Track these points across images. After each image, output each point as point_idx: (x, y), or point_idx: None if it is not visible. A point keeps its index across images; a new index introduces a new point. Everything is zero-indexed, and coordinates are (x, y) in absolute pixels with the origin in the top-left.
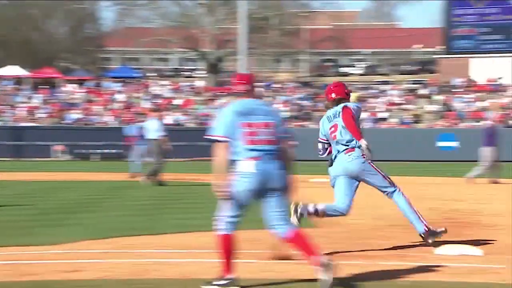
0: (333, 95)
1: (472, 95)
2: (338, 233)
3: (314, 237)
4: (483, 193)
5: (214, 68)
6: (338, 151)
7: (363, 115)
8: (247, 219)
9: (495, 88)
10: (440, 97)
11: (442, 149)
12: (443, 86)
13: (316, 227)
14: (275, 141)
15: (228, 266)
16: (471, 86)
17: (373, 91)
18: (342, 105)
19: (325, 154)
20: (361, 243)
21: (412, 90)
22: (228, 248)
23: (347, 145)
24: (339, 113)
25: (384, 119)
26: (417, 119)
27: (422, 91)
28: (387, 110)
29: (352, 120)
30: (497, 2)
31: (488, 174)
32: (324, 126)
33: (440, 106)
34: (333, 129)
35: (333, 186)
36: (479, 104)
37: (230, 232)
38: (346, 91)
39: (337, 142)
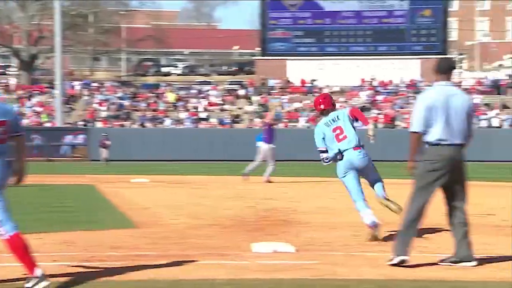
0: (322, 106)
1: (288, 96)
2: (157, 233)
3: (135, 237)
4: (296, 191)
5: (27, 65)
6: (346, 149)
7: None
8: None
9: (309, 90)
10: (258, 98)
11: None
12: (261, 87)
13: (137, 228)
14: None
15: (31, 264)
16: (287, 88)
17: (193, 91)
18: (344, 110)
19: (330, 162)
20: (181, 243)
21: (231, 91)
22: (22, 246)
23: (355, 144)
24: (338, 116)
25: (204, 119)
26: (236, 119)
27: (241, 92)
28: (207, 110)
29: (361, 111)
30: (309, 7)
31: (268, 171)
32: (325, 133)
33: (258, 107)
34: (338, 131)
35: (343, 178)
36: (296, 105)
37: (15, 231)
38: (332, 102)
39: (349, 142)
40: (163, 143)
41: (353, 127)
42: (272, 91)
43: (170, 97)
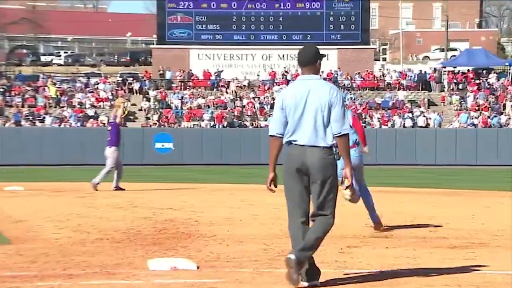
0: None
1: (190, 91)
2: (35, 249)
3: (8, 255)
4: (198, 200)
5: None
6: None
7: None
8: None
9: (213, 84)
10: (155, 93)
11: (159, 151)
12: (158, 80)
13: (10, 244)
14: None
15: None
16: (188, 81)
17: (79, 84)
18: (348, 111)
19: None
20: (64, 261)
21: (123, 84)
22: None
23: (352, 141)
24: None
25: (92, 117)
26: (129, 117)
27: (135, 86)
28: (95, 107)
29: (362, 128)
30: None
31: (116, 177)
32: None
33: (156, 103)
34: None
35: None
36: (199, 101)
37: None
38: None
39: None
40: (42, 145)
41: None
42: (172, 85)
43: (51, 91)
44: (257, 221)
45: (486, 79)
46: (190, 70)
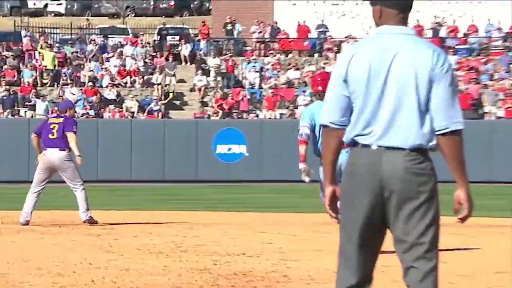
0: (320, 88)
1: (275, 58)
2: None
3: None
4: (291, 240)
5: None
6: None
7: None
8: None
9: (312, 46)
10: (217, 61)
11: (222, 159)
12: (222, 40)
13: None
14: None
15: None
16: (274, 41)
17: (91, 47)
18: None
19: (308, 139)
20: None
21: (163, 47)
22: None
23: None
24: None
25: (113, 102)
26: (175, 102)
27: (184, 49)
28: (117, 85)
29: None
30: None
31: None
32: (315, 114)
33: (218, 78)
34: None
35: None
36: (291, 75)
37: None
38: None
39: None
40: (30, 146)
41: None
42: (244, 49)
43: (46, 58)
44: (386, 276)
45: None
46: (275, 23)
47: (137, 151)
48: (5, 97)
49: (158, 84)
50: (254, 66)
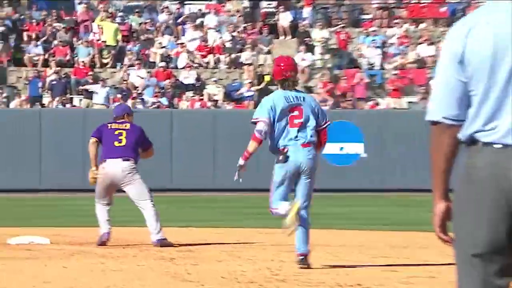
0: (291, 73)
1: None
2: None
3: None
4: None
5: None
6: (293, 143)
7: None
8: None
9: None
10: (325, 33)
11: (333, 161)
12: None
13: None
14: None
15: None
16: None
17: (164, 16)
18: (311, 97)
19: (265, 138)
20: None
21: (255, 14)
22: None
23: (307, 139)
24: (304, 97)
25: (193, 88)
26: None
27: (282, 18)
28: (196, 66)
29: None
30: None
31: None
32: (277, 107)
33: (325, 54)
34: (296, 113)
35: (281, 184)
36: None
37: None
38: (296, 69)
39: (298, 131)
40: (85, 146)
41: (315, 120)
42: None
43: (106, 30)
44: None
45: None
46: None
47: (222, 151)
48: (54, 82)
49: (249, 64)
50: (374, 40)
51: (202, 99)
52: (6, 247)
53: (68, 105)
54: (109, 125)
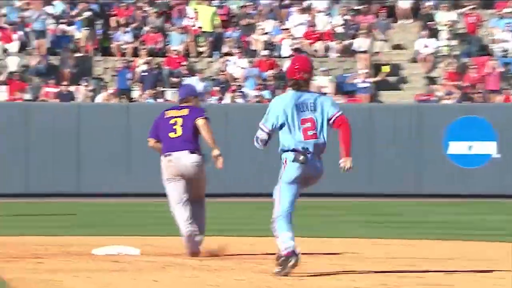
0: (305, 75)
1: None
2: None
3: None
4: None
5: None
6: (306, 154)
7: None
8: None
9: None
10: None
11: (460, 163)
12: None
13: None
14: None
15: None
16: None
17: None
18: (326, 99)
19: (264, 147)
20: None
21: None
22: None
23: (320, 151)
24: (315, 104)
25: None
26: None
27: None
28: None
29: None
30: None
31: None
32: (288, 115)
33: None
34: (308, 124)
35: (290, 186)
36: None
37: None
38: (312, 68)
39: (314, 144)
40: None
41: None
42: None
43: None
44: None
45: None
46: None
47: (332, 149)
48: (145, 73)
49: (363, 52)
50: (508, 23)
51: None
52: (91, 258)
53: (159, 99)
54: (166, 113)
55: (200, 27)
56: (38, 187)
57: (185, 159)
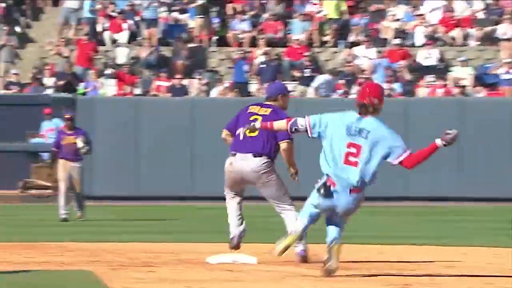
0: (376, 102)
1: None
2: None
3: None
4: None
5: None
6: (342, 184)
7: None
8: None
9: None
10: None
11: None
12: None
13: None
14: None
15: None
16: None
17: None
18: (384, 130)
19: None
20: None
21: None
22: None
23: (358, 184)
24: (369, 133)
25: None
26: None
27: None
28: None
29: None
30: None
31: None
32: (334, 133)
33: None
34: (354, 149)
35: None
36: None
37: None
38: (381, 97)
39: (354, 174)
40: None
41: (375, 163)
42: None
43: None
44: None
45: None
46: None
47: (470, 148)
48: (264, 65)
49: (507, 40)
50: None
51: (446, 85)
52: (205, 267)
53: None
54: (250, 107)
55: (325, 14)
56: (148, 189)
57: (248, 163)
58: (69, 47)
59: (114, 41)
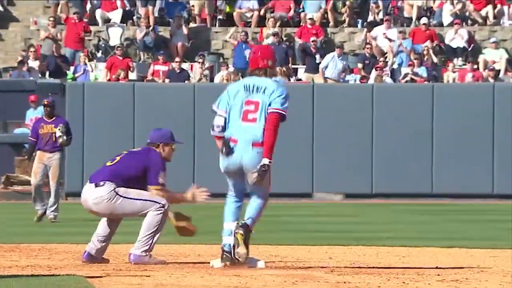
0: (270, 63)
1: None
2: None
3: None
4: None
5: None
6: (243, 139)
7: None
8: None
9: None
10: None
11: None
12: None
13: None
14: None
15: None
16: None
17: None
18: (278, 89)
19: (221, 133)
20: None
21: None
22: None
23: (258, 138)
24: (266, 89)
25: None
26: None
27: None
28: None
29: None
30: None
31: None
32: (233, 95)
33: None
34: (251, 106)
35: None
36: None
37: None
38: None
39: (248, 128)
40: None
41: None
42: None
43: None
44: None
45: None
46: None
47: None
48: (274, 46)
49: None
50: None
51: (476, 69)
52: (208, 271)
53: (291, 79)
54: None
55: None
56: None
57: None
58: (58, 27)
59: (107, 21)
